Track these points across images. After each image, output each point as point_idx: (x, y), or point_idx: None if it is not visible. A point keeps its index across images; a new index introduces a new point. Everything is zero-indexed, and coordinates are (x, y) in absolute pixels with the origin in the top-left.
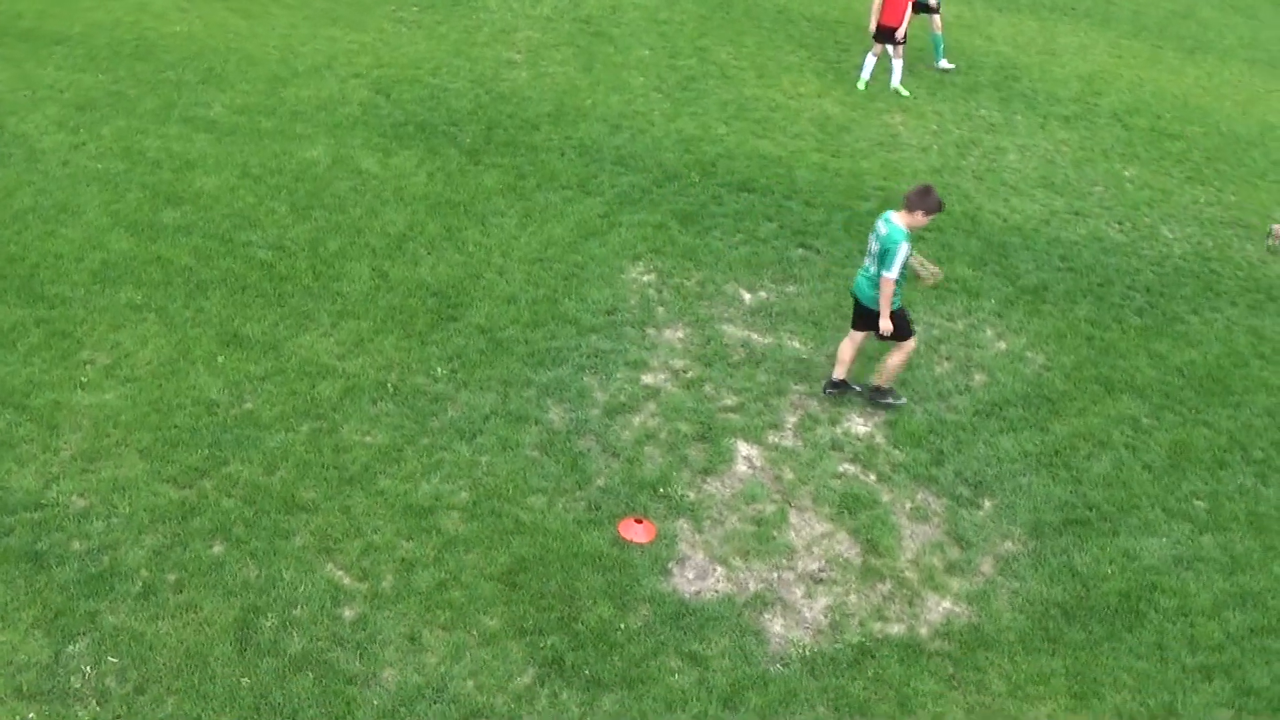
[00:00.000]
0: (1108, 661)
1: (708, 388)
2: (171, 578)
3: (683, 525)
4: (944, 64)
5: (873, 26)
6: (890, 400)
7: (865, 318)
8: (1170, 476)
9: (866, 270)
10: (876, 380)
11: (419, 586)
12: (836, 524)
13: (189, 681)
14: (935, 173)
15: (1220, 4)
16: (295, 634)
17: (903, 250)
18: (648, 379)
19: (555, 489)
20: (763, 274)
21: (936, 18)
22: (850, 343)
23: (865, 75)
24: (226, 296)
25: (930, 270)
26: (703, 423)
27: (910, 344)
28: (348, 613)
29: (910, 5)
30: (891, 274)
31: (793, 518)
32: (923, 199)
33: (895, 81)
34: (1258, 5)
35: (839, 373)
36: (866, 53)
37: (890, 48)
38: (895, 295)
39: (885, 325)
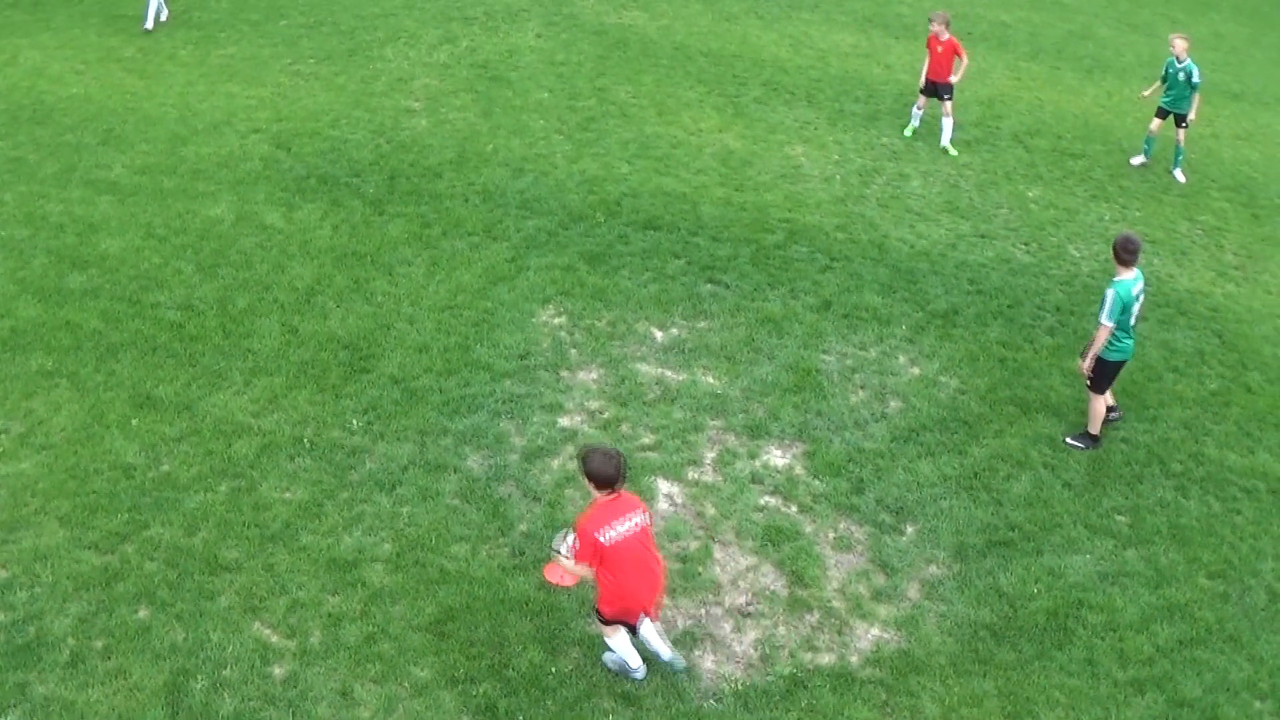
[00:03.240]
0: (1039, 680)
1: (625, 427)
2: (99, 644)
3: None
4: (1179, 174)
5: (921, 83)
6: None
7: None
8: (1091, 493)
9: None
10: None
11: (348, 641)
12: (761, 557)
13: None
14: (839, 202)
15: (1117, 23)
16: (226, 695)
17: (1107, 296)
18: (564, 421)
19: (478, 536)
20: (673, 311)
21: (1181, 132)
22: None
23: (913, 124)
24: (137, 359)
25: None
26: None
27: (1095, 399)
28: (278, 671)
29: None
30: (1101, 318)
31: (717, 553)
32: (1115, 249)
33: (945, 140)
34: (1155, 23)
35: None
36: (912, 105)
37: (942, 104)
38: (1114, 348)
39: (1085, 365)
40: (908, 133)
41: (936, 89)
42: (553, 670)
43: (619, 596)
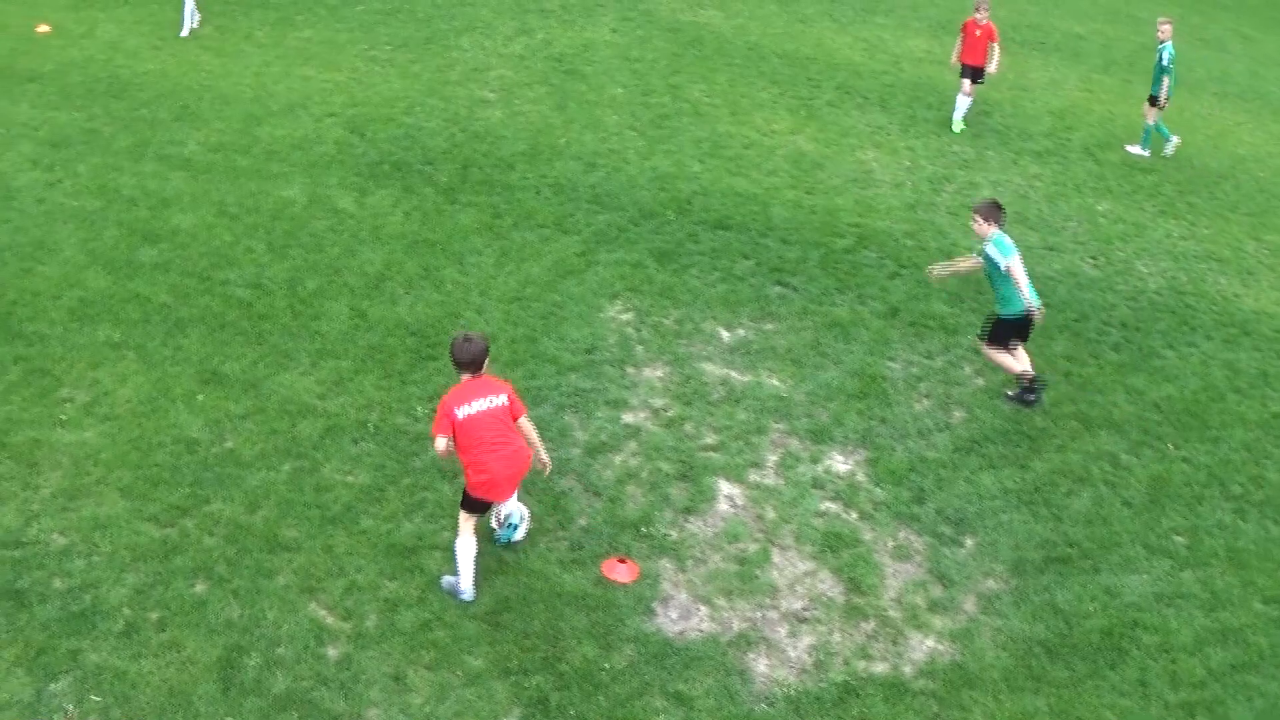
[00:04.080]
0: (1091, 699)
1: (688, 426)
2: (154, 616)
3: (666, 565)
4: (1136, 149)
5: (954, 59)
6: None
7: None
8: (1150, 513)
9: None
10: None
11: (403, 626)
12: (819, 562)
13: None
14: (909, 208)
15: (1189, 38)
16: (279, 673)
17: (992, 252)
18: (628, 418)
19: (537, 529)
20: (740, 312)
21: (1152, 110)
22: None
23: (958, 115)
24: (205, 335)
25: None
26: (684, 461)
27: (991, 351)
28: (332, 652)
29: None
30: (1009, 265)
31: (775, 556)
32: (986, 210)
33: (957, 115)
34: (1226, 39)
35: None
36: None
37: (967, 83)
38: (1012, 304)
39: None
40: (955, 129)
41: (973, 73)
42: (606, 666)
43: (477, 469)
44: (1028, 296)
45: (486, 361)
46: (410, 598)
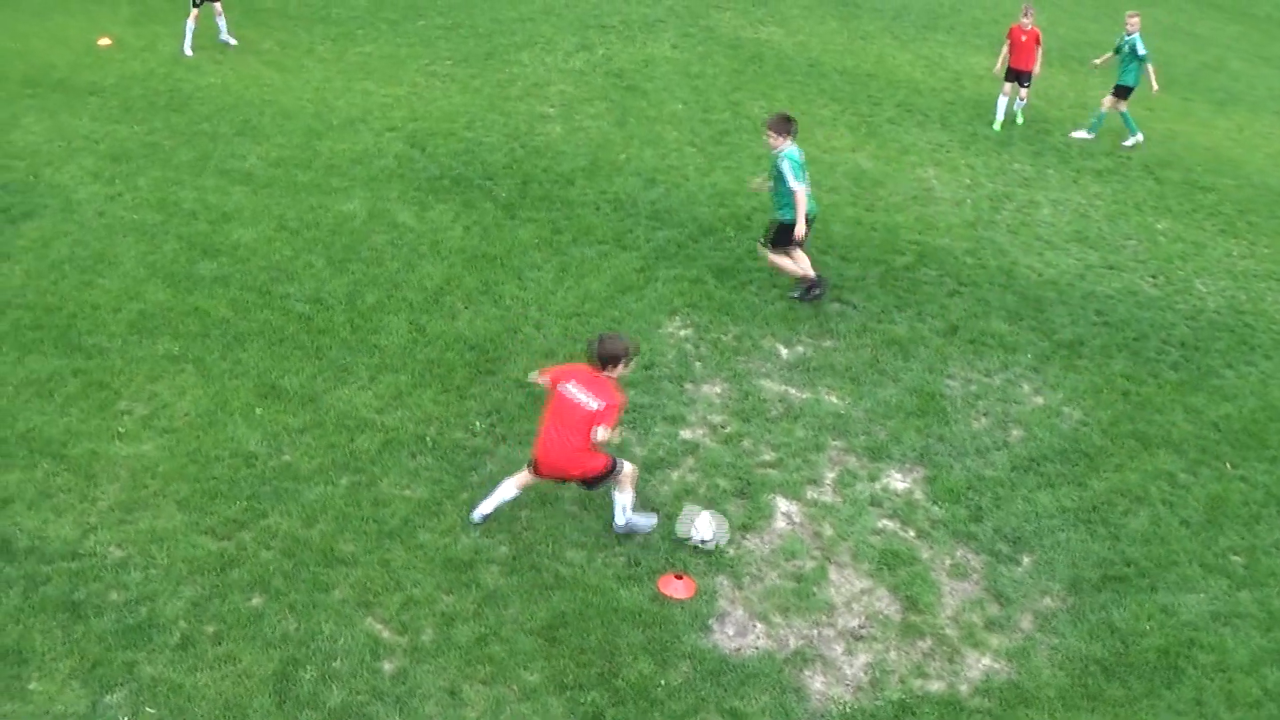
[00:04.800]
0: (1147, 718)
1: (746, 443)
2: (210, 629)
3: (722, 581)
4: (1082, 133)
5: (998, 68)
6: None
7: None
8: (1207, 532)
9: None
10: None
11: (459, 640)
12: (876, 580)
13: None
14: (969, 226)
15: (1249, 56)
16: (335, 687)
17: (785, 167)
18: (686, 434)
19: (594, 544)
20: (799, 329)
21: (1122, 102)
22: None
23: (999, 116)
24: (264, 349)
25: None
26: (741, 478)
27: (775, 257)
28: (388, 666)
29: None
30: (792, 185)
31: (832, 574)
32: (777, 126)
33: (1017, 106)
34: None
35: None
36: (998, 95)
37: (1020, 89)
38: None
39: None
40: (996, 127)
41: (1019, 76)
42: (662, 683)
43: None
44: (801, 216)
45: (614, 368)
46: (467, 612)
